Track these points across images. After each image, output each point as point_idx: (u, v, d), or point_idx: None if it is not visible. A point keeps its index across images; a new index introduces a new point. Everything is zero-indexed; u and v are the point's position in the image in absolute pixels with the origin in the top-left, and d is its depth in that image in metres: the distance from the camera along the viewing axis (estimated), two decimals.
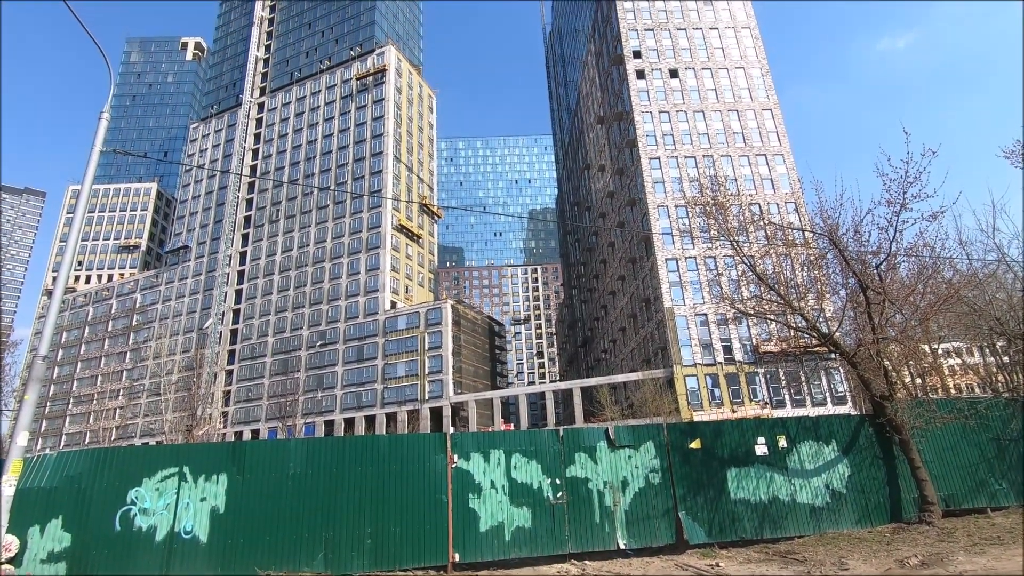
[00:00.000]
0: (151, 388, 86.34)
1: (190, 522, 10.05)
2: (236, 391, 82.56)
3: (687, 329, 52.43)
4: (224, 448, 11.31)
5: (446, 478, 10.97)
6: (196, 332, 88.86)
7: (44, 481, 9.92)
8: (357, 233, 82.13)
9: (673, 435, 12.28)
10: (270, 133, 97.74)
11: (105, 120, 12.39)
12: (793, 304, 15.12)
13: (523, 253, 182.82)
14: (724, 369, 50.94)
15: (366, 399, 74.01)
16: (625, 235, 65.31)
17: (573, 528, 11.10)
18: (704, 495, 11.78)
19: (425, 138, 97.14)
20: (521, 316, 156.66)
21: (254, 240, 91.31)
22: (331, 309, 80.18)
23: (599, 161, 76.89)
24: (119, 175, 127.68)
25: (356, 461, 10.97)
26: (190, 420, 43.50)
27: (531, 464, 11.41)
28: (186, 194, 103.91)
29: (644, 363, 57.57)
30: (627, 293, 64.86)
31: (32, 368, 10.45)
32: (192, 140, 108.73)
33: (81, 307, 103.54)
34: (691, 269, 54.34)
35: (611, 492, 11.47)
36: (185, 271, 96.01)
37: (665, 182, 57.95)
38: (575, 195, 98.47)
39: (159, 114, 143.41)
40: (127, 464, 10.41)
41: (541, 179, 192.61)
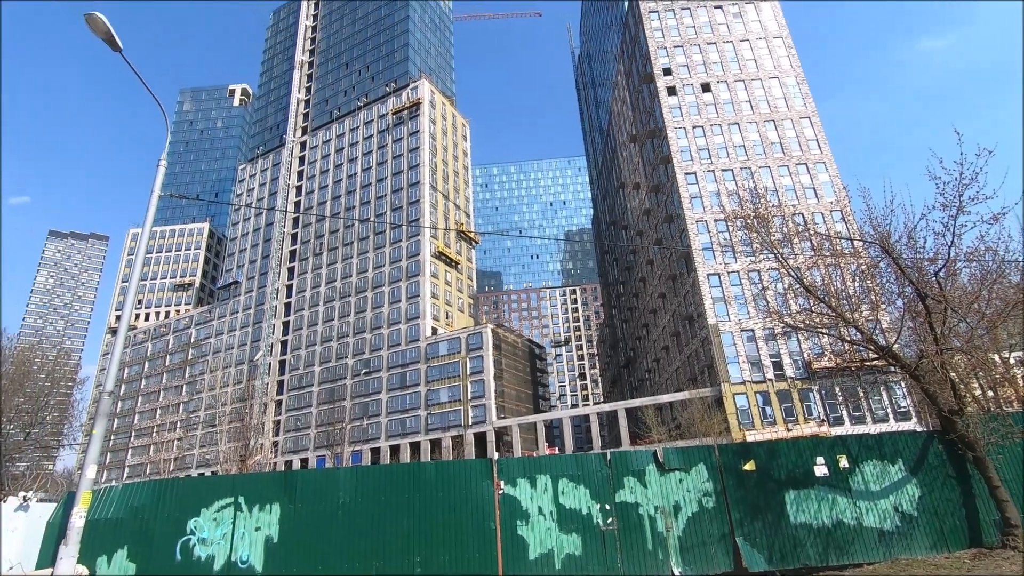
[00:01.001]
0: (206, 419, 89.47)
1: (246, 551, 10.27)
2: (285, 421, 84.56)
3: (734, 345, 50.88)
4: (276, 478, 11.57)
5: (493, 505, 10.87)
6: (247, 364, 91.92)
7: (111, 512, 10.34)
8: (397, 262, 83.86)
9: (725, 457, 11.84)
10: (312, 170, 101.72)
11: (162, 167, 13.19)
12: (846, 316, 14.51)
13: (561, 275, 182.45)
14: (775, 386, 49.03)
15: (410, 426, 74.49)
16: (664, 252, 64.41)
17: (625, 555, 10.78)
18: (762, 519, 11.26)
19: (460, 166, 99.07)
20: (561, 338, 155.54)
21: (299, 273, 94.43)
22: (374, 337, 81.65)
23: (634, 179, 76.55)
24: (174, 217, 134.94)
25: (403, 489, 11.02)
26: (243, 450, 44.71)
27: (579, 489, 11.19)
28: (235, 232, 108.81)
29: (690, 382, 56.05)
30: (669, 311, 63.64)
31: (99, 403, 11.01)
32: (240, 181, 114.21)
33: (141, 343, 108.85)
34: (735, 284, 52.97)
35: (663, 517, 11.11)
36: (236, 305, 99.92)
37: (703, 197, 57.09)
38: (611, 214, 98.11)
39: (210, 158, 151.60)
40: (186, 495, 10.76)
41: (576, 200, 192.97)
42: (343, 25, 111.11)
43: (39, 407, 35.47)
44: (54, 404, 38.91)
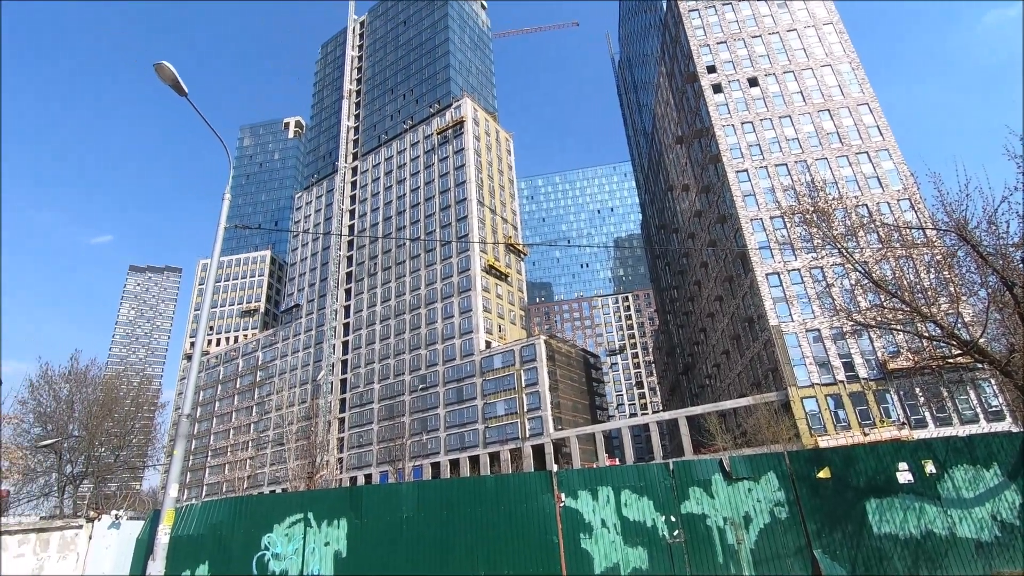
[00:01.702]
0: (275, 438, 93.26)
1: (316, 566, 10.57)
2: (349, 437, 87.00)
3: (799, 347, 48.56)
4: (343, 494, 11.89)
5: (555, 518, 10.75)
6: (311, 384, 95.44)
7: (192, 529, 10.91)
8: (448, 278, 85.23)
9: (797, 464, 11.25)
10: (364, 193, 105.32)
11: (227, 200, 13.99)
12: (922, 311, 13.60)
13: (612, 282, 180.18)
14: (848, 388, 46.35)
15: (469, 439, 75.00)
16: (718, 254, 62.52)
17: (695, 569, 10.39)
18: (841, 530, 10.59)
19: (505, 180, 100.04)
20: (616, 346, 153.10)
21: (356, 294, 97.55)
22: (429, 353, 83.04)
23: (682, 181, 74.95)
24: (239, 247, 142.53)
25: (465, 503, 11.08)
26: (310, 467, 46.28)
27: (642, 501, 10.90)
28: (295, 257, 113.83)
29: (754, 387, 53.82)
30: (727, 314, 61.56)
31: (178, 426, 11.69)
32: (297, 208, 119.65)
33: (213, 367, 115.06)
34: (796, 282, 50.70)
35: (733, 529, 10.65)
36: (298, 328, 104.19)
37: (756, 194, 55.18)
38: (660, 218, 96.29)
39: (269, 188, 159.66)
40: (259, 512, 11.22)
41: (624, 206, 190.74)
42: (387, 52, 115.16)
43: (126, 431, 38.00)
44: (139, 428, 41.62)
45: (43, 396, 35.10)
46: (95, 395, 36.95)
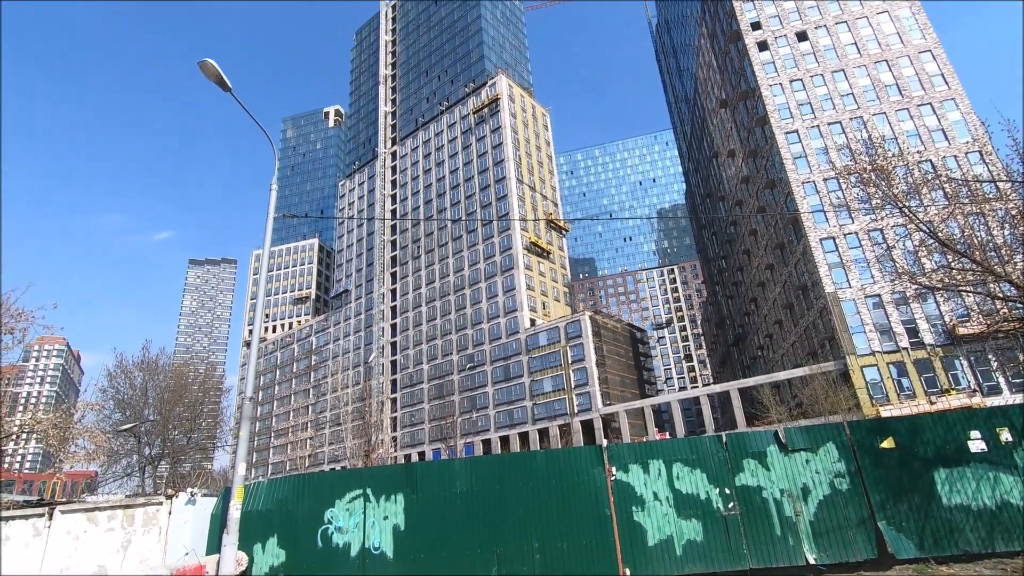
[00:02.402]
0: (332, 419, 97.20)
1: (377, 539, 11.02)
2: (401, 417, 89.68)
3: (857, 314, 46.46)
4: (399, 471, 12.30)
5: (606, 491, 10.78)
6: (363, 366, 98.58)
7: (260, 505, 11.54)
8: (491, 258, 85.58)
9: (858, 434, 10.84)
10: (404, 178, 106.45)
11: (274, 191, 14.40)
12: (995, 270, 12.73)
13: (656, 255, 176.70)
14: (912, 355, 44.14)
15: (517, 416, 75.98)
16: (768, 220, 60.17)
17: (751, 542, 10.24)
18: (908, 502, 10.19)
19: (544, 156, 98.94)
20: (663, 320, 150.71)
21: (401, 277, 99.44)
22: (475, 333, 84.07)
23: (727, 147, 72.13)
24: (288, 236, 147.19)
25: (516, 477, 11.25)
26: (367, 446, 48.05)
27: (695, 473, 10.79)
28: (341, 244, 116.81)
29: (809, 357, 52.02)
30: (779, 282, 59.43)
31: (242, 409, 12.32)
32: (341, 196, 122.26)
33: (271, 353, 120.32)
34: (853, 246, 48.29)
35: (790, 501, 10.41)
36: (348, 313, 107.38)
37: (808, 156, 52.54)
38: (705, 187, 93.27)
39: (313, 178, 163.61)
40: (321, 488, 11.75)
41: (666, 176, 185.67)
42: (420, 34, 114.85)
43: (196, 414, 40.42)
44: (207, 411, 44.18)
45: (120, 384, 37.73)
46: (166, 382, 39.40)
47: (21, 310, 15.46)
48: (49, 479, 70.97)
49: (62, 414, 18.10)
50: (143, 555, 10.75)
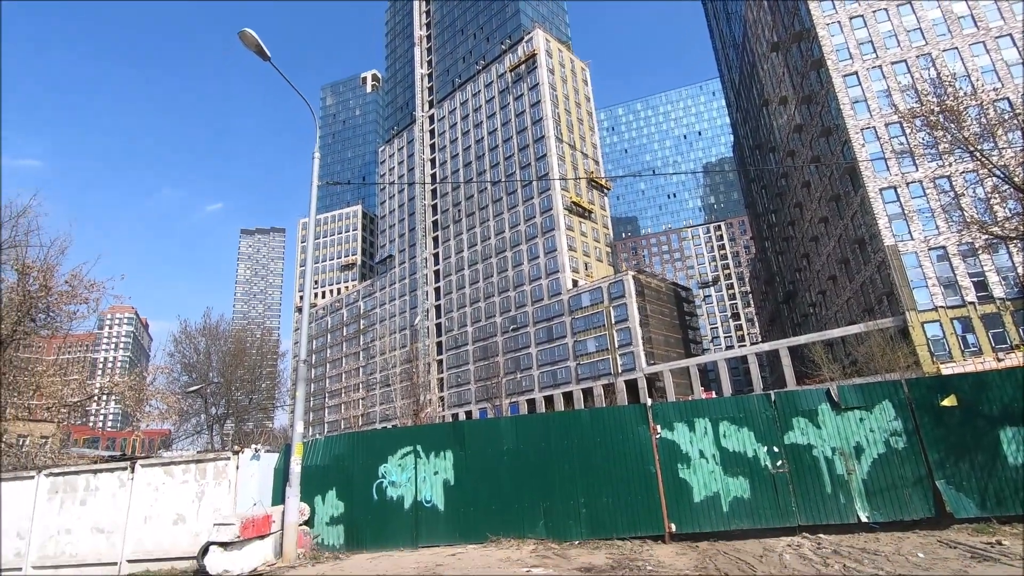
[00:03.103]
0: (382, 380, 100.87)
1: (428, 493, 11.52)
2: (447, 378, 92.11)
3: (919, 267, 44.04)
4: (447, 428, 12.72)
5: (651, 449, 10.84)
6: (409, 329, 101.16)
7: (319, 460, 12.21)
8: (531, 219, 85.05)
9: (917, 392, 10.43)
10: (443, 141, 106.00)
11: (317, 159, 14.63)
12: None
13: (702, 211, 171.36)
14: (979, 309, 41.74)
15: (561, 377, 76.77)
16: (823, 171, 57.08)
17: (800, 499, 10.16)
18: (970, 460, 9.82)
19: (584, 112, 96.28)
20: (709, 278, 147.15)
21: (443, 241, 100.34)
22: (518, 295, 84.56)
23: (779, 93, 68.14)
24: (332, 204, 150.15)
25: (562, 435, 11.44)
26: (415, 405, 49.80)
27: (742, 432, 10.69)
28: (384, 210, 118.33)
29: (865, 313, 49.95)
30: (833, 236, 56.75)
31: (298, 371, 12.92)
32: (381, 162, 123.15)
33: (321, 318, 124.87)
34: (916, 195, 45.39)
35: (842, 459, 10.21)
36: (392, 277, 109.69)
37: (868, 99, 49.11)
38: (754, 137, 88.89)
39: (354, 144, 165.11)
40: (374, 445, 12.30)
41: (713, 128, 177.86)
42: None
43: (255, 377, 42.71)
44: (266, 374, 46.60)
45: (186, 349, 40.15)
46: (227, 347, 41.66)
47: (93, 281, 16.50)
48: (128, 436, 77.04)
49: (136, 377, 19.46)
50: (216, 505, 11.62)
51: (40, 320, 16.63)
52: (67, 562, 12.03)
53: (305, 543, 11.25)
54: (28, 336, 16.80)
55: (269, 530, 10.80)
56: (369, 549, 11.17)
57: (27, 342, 17.38)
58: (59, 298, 16.18)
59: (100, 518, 12.18)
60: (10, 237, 16.31)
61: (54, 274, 16.09)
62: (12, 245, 16.29)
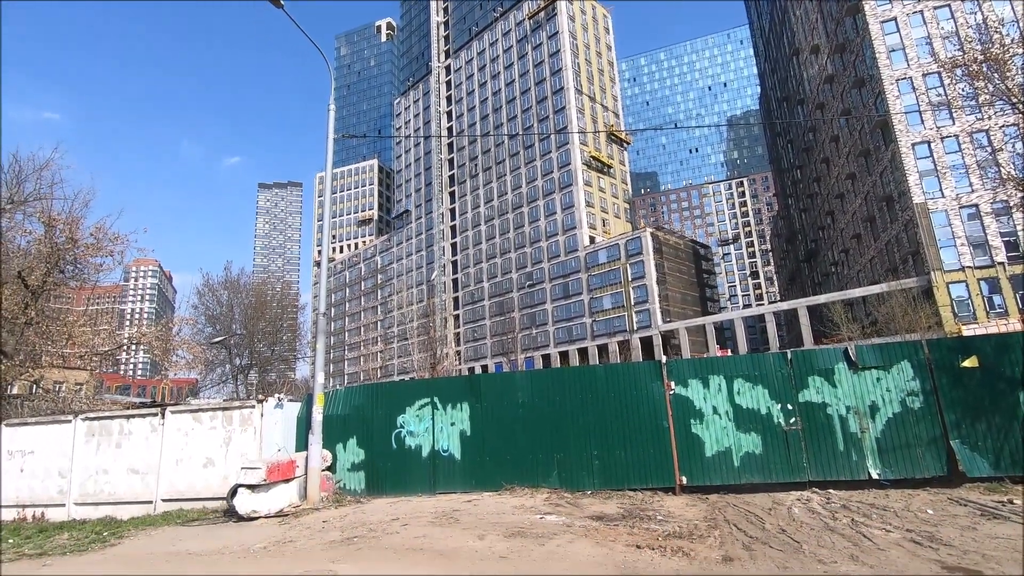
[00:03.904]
0: (399, 334, 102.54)
1: (445, 442, 11.88)
2: (464, 332, 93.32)
3: (948, 226, 42.75)
4: (463, 381, 12.98)
5: (665, 404, 10.98)
6: (426, 284, 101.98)
7: (339, 410, 12.60)
8: (549, 174, 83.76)
9: (937, 352, 10.31)
10: (459, 93, 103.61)
11: (332, 111, 14.42)
12: None
13: (724, 167, 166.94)
14: (1008, 270, 40.65)
15: (576, 333, 77.27)
16: (853, 125, 54.87)
17: (812, 456, 10.27)
18: (987, 421, 9.78)
19: (604, 63, 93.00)
20: (728, 236, 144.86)
21: (460, 196, 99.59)
22: (534, 251, 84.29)
23: (811, 41, 64.88)
24: (349, 158, 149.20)
25: (576, 390, 11.62)
26: (432, 359, 50.74)
27: (756, 389, 10.74)
28: (400, 164, 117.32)
29: (889, 273, 48.99)
30: (860, 193, 55.09)
31: (317, 324, 13.18)
32: (397, 114, 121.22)
33: (339, 273, 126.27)
34: (951, 151, 43.58)
35: (856, 418, 10.24)
36: (409, 233, 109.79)
37: (906, 48, 46.58)
38: (783, 89, 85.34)
39: (369, 96, 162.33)
40: (393, 396, 12.64)
41: (739, 79, 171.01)
42: None
43: (276, 329, 43.71)
44: (287, 326, 47.62)
45: (209, 302, 41.10)
46: (248, 299, 42.52)
47: (117, 234, 16.82)
48: (158, 384, 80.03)
49: (162, 328, 20.06)
50: (242, 450, 12.13)
51: (68, 272, 17.08)
52: (106, 500, 12.76)
53: (328, 487, 11.76)
54: (58, 287, 17.31)
55: (293, 474, 11.29)
56: (389, 494, 11.65)
57: (57, 293, 17.92)
58: (85, 250, 16.56)
59: (135, 460, 12.82)
60: (35, 189, 16.59)
61: (79, 227, 16.43)
62: (37, 197, 16.59)
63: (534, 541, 7.54)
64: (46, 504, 13.04)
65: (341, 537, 8.44)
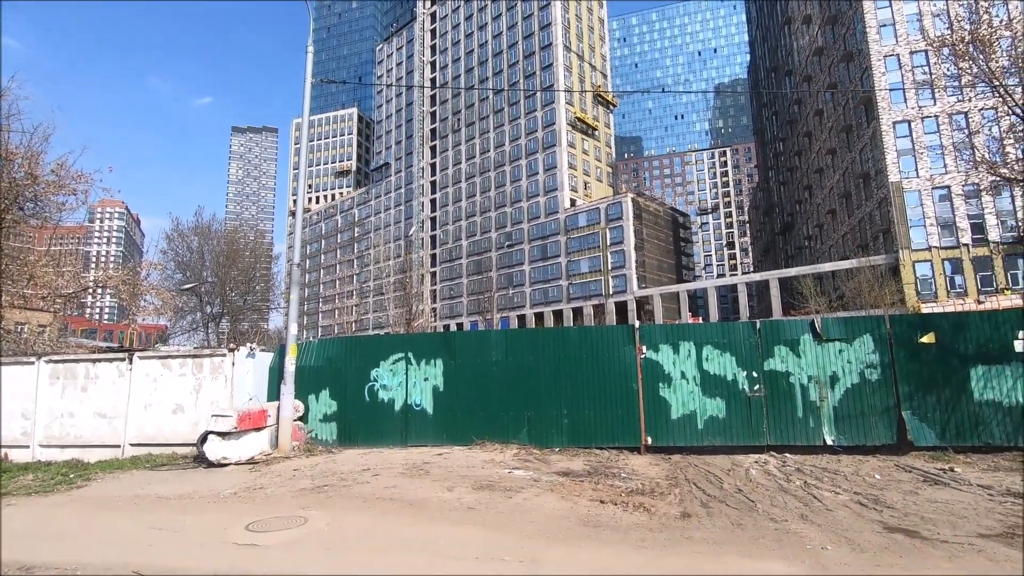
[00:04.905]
0: (376, 288, 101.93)
1: (418, 397, 12.02)
2: (440, 290, 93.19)
3: (920, 206, 43.69)
4: (438, 338, 13.06)
5: (635, 368, 11.24)
6: (404, 239, 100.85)
7: (312, 361, 12.59)
8: (533, 133, 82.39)
9: (898, 328, 10.72)
10: (444, 43, 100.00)
11: (310, 54, 13.82)
12: None
13: (709, 135, 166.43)
14: (972, 252, 41.97)
15: (553, 295, 77.86)
16: (838, 100, 54.94)
17: (772, 421, 10.70)
18: (937, 394, 10.29)
19: (595, 19, 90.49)
20: (708, 205, 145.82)
21: (441, 151, 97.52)
22: (514, 211, 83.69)
23: (803, 11, 64.03)
24: (327, 105, 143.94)
25: (550, 351, 11.80)
26: (408, 315, 50.70)
27: (724, 356, 11.05)
28: (381, 115, 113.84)
29: (859, 249, 50.15)
30: (839, 169, 55.70)
31: (291, 274, 12.98)
32: (379, 62, 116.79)
33: (315, 224, 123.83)
34: (930, 131, 44.10)
35: (816, 387, 10.66)
36: (388, 186, 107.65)
37: (897, 23, 46.33)
38: (772, 59, 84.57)
39: (350, 41, 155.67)
40: (367, 349, 12.67)
41: (729, 46, 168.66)
42: None
43: (249, 278, 42.97)
44: (260, 276, 46.85)
45: (179, 247, 40.04)
46: (220, 247, 41.54)
47: (80, 172, 16.06)
48: (126, 329, 78.56)
49: (129, 271, 19.51)
50: (213, 398, 12.09)
51: (28, 209, 16.36)
52: (72, 443, 12.66)
53: (300, 437, 11.85)
54: (18, 225, 16.60)
55: (265, 423, 11.32)
56: (360, 445, 11.80)
57: (17, 231, 17.19)
58: (46, 188, 15.82)
59: (102, 404, 12.68)
60: None
61: (39, 162, 15.63)
62: None
63: (502, 494, 7.76)
64: (10, 445, 12.88)
65: (312, 485, 8.56)
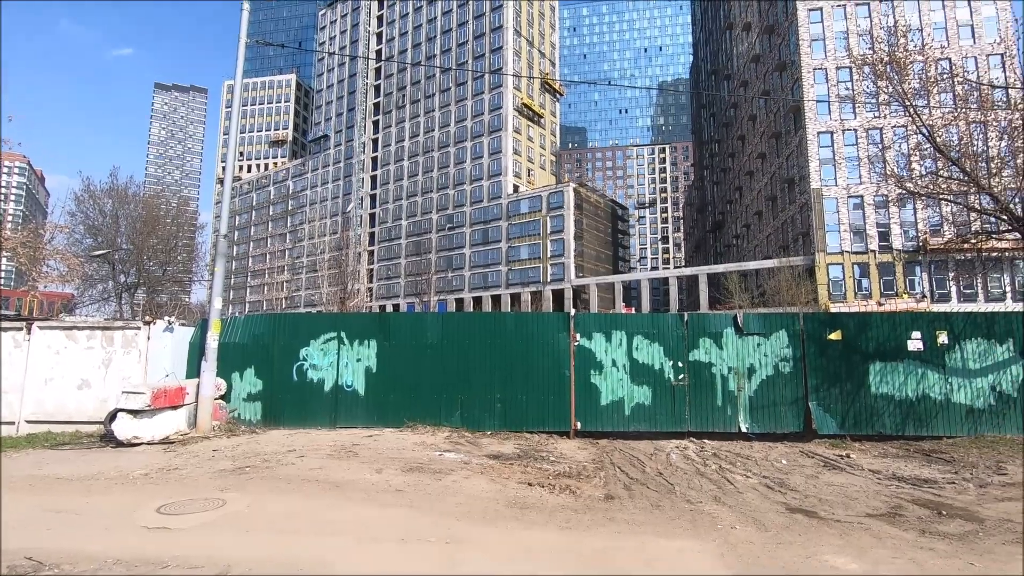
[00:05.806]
0: (309, 265, 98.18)
1: (350, 378, 11.76)
2: (378, 269, 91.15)
3: (836, 213, 46.99)
4: (373, 318, 12.78)
5: (568, 355, 11.50)
6: (341, 216, 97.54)
7: (238, 338, 12.00)
8: (479, 116, 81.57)
9: (810, 325, 11.55)
10: (391, 14, 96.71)
11: (246, 11, 12.99)
12: (981, 182, 12.77)
13: (651, 131, 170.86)
14: (877, 258, 45.69)
15: (492, 280, 78.01)
16: (770, 106, 57.84)
17: (694, 409, 11.28)
18: (840, 387, 11.20)
19: (546, 6, 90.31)
20: (646, 199, 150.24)
21: (384, 127, 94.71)
22: (457, 193, 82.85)
23: (744, 18, 66.69)
24: (263, 68, 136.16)
25: (485, 335, 11.85)
26: (342, 293, 49.19)
27: (653, 346, 11.50)
28: (321, 84, 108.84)
29: (781, 250, 53.38)
30: (767, 173, 58.84)
31: (217, 246, 12.27)
32: (321, 28, 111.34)
33: (246, 194, 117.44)
34: (849, 144, 47.35)
35: (736, 378, 11.33)
36: (327, 159, 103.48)
37: (826, 39, 49.17)
38: (713, 62, 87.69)
39: (291, 2, 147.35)
40: (297, 328, 12.21)
41: (674, 45, 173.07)
42: None
43: (170, 247, 40.23)
44: (182, 246, 43.97)
45: (89, 210, 36.79)
46: (137, 212, 38.55)
47: None
48: (25, 296, 71.81)
49: (30, 233, 17.79)
50: (124, 373, 11.30)
51: None
52: None
53: (221, 416, 11.31)
54: None
55: (183, 401, 10.72)
56: (287, 426, 11.42)
57: None
58: None
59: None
60: None
61: None
62: None
63: (431, 476, 7.77)
64: None
65: (232, 466, 8.22)
